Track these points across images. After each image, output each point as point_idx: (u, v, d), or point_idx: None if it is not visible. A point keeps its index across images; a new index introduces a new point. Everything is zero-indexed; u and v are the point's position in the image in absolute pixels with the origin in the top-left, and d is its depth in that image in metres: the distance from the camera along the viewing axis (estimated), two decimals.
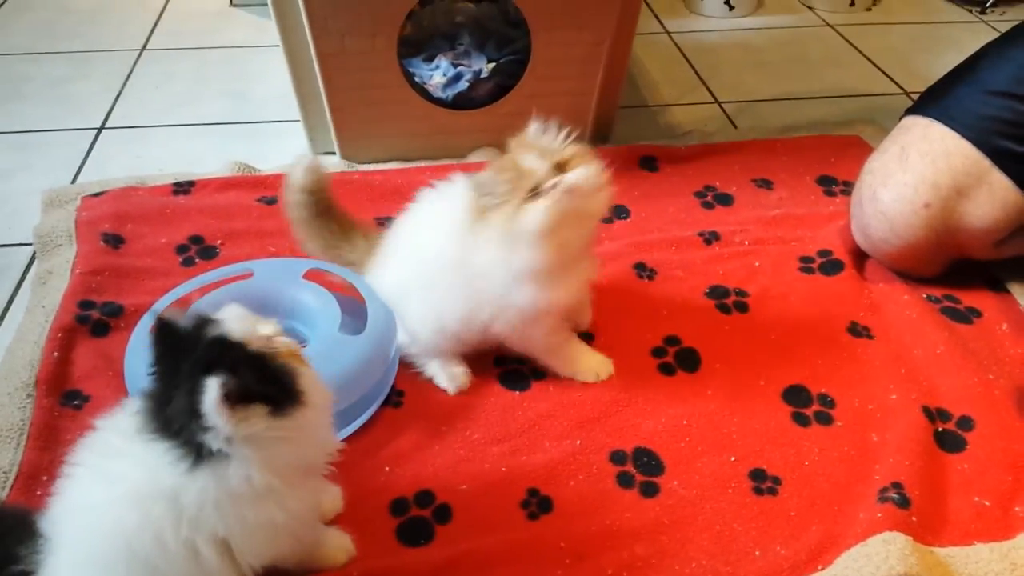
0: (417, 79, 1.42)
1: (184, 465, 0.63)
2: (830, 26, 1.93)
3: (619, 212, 1.28)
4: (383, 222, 1.24)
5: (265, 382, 0.65)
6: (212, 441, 0.63)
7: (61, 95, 1.60)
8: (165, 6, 1.98)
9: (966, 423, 0.94)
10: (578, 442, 0.92)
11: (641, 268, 1.16)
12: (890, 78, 1.71)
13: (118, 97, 1.60)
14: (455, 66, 1.45)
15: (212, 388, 0.61)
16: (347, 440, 0.90)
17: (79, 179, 1.36)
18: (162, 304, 0.96)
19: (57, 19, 1.91)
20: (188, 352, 0.64)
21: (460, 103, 1.42)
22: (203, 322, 0.66)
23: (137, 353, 0.91)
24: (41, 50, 1.77)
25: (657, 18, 1.96)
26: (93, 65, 1.71)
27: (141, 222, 1.21)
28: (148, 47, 1.79)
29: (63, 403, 0.94)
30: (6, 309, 1.10)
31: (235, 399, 0.62)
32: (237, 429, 0.63)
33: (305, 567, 0.76)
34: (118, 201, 1.24)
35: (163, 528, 0.63)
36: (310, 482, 0.71)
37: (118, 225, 1.20)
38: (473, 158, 1.40)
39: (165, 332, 0.65)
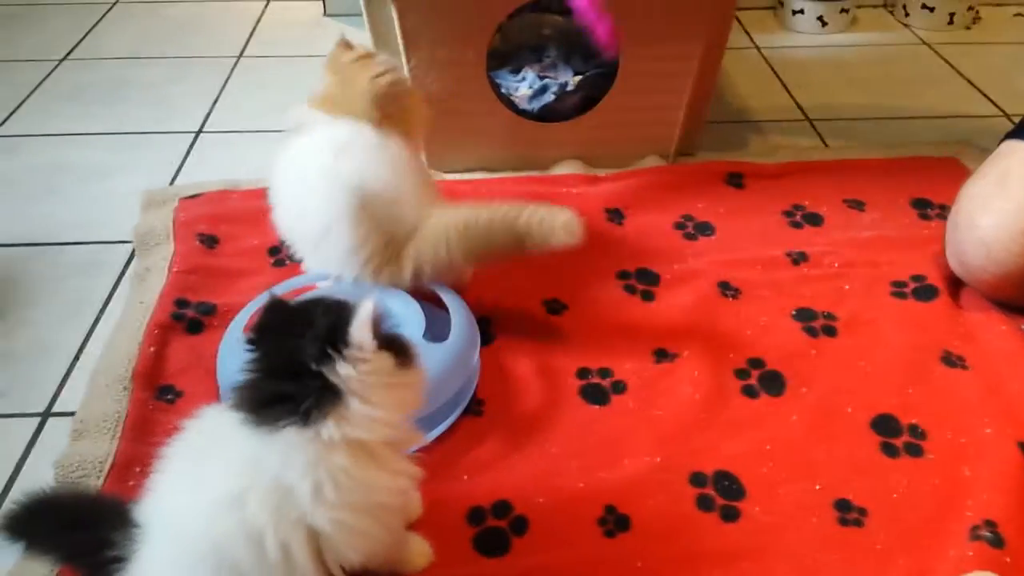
0: (504, 91, 1.44)
1: (296, 421, 0.65)
2: (927, 44, 1.88)
3: (703, 229, 1.27)
4: None
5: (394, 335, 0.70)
6: (335, 376, 0.65)
7: (162, 99, 1.67)
8: (261, 15, 2.04)
9: None
10: (658, 460, 0.91)
11: (726, 287, 1.14)
12: (990, 100, 1.65)
13: (215, 102, 1.65)
14: (541, 78, 1.46)
15: (366, 309, 0.66)
16: (427, 447, 0.91)
17: (177, 180, 1.41)
18: (254, 305, 0.99)
19: (157, 26, 1.99)
20: (301, 326, 0.67)
21: (546, 115, 1.42)
22: (315, 298, 0.71)
23: (229, 351, 0.94)
24: (143, 55, 1.84)
25: (747, 33, 1.93)
26: (192, 71, 1.77)
27: (235, 224, 1.25)
28: (244, 55, 1.85)
29: (157, 397, 0.98)
30: (106, 303, 1.14)
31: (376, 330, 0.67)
32: (373, 359, 0.66)
33: (388, 569, 0.77)
34: (213, 203, 1.29)
35: (257, 529, 0.64)
36: (404, 462, 0.72)
37: (213, 226, 1.24)
38: (558, 170, 1.41)
39: (277, 309, 0.69)
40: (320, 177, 0.98)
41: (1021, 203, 1.03)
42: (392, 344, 0.69)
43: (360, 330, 0.66)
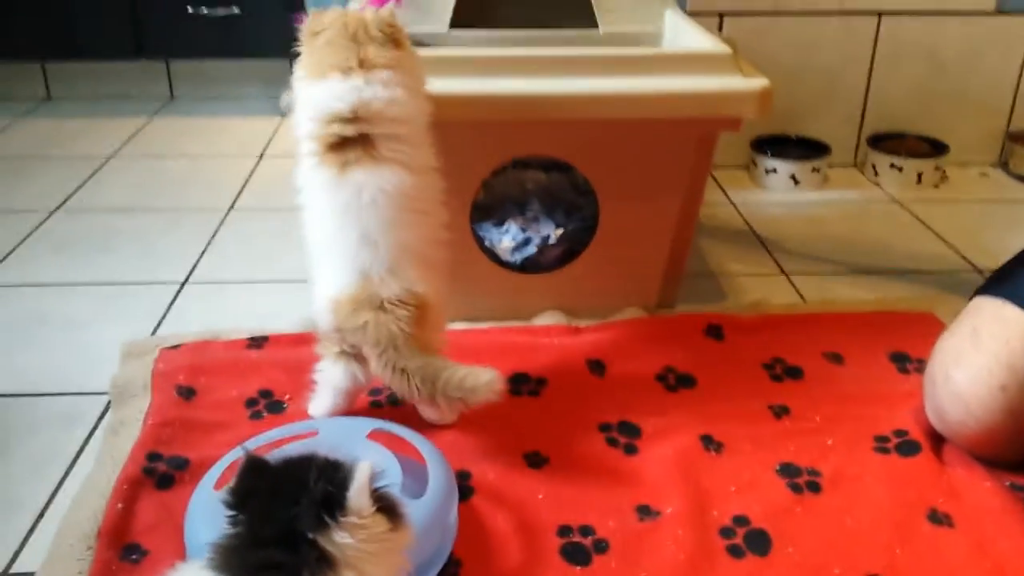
0: (487, 243, 1.47)
1: None
2: (897, 202, 1.95)
3: (685, 381, 1.27)
4: None
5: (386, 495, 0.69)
6: (332, 545, 0.63)
7: (150, 249, 1.69)
8: (254, 169, 2.10)
9: None
10: None
11: (708, 440, 1.13)
12: (960, 255, 1.70)
13: (203, 253, 1.68)
14: (524, 231, 1.49)
15: (364, 472, 0.64)
16: None
17: (160, 331, 1.41)
18: (227, 460, 0.97)
19: (152, 179, 2.04)
20: (292, 489, 0.65)
21: (528, 267, 1.45)
22: (302, 457, 0.70)
23: (199, 509, 0.92)
24: (135, 206, 1.89)
25: (723, 189, 2.00)
26: (182, 222, 1.81)
27: (214, 375, 1.24)
28: (235, 207, 1.89)
29: (122, 557, 0.94)
30: (77, 456, 1.12)
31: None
32: (369, 524, 0.64)
33: None
34: (194, 354, 1.28)
35: None
36: None
37: (192, 377, 1.23)
38: (540, 320, 1.42)
39: (260, 470, 0.68)
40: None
41: (995, 357, 1.05)
42: (384, 504, 0.68)
43: (359, 496, 0.65)
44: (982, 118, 2.11)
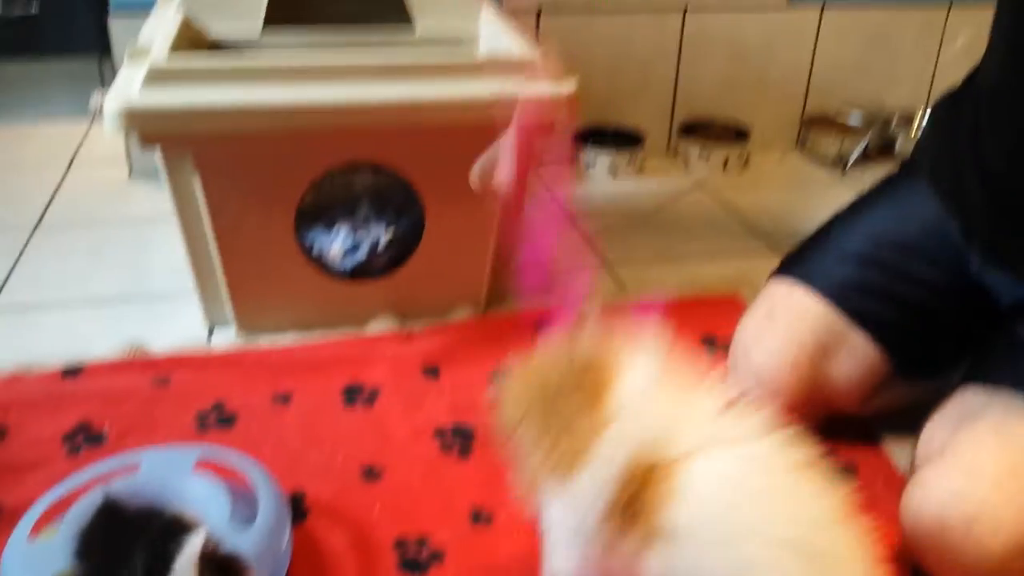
0: (316, 249, 1.46)
1: None
2: (706, 188, 2.07)
3: None
4: (280, 399, 1.25)
5: (228, 559, 0.68)
6: None
7: None
8: (61, 181, 1.99)
9: None
10: None
11: None
12: (761, 237, 1.83)
13: (9, 275, 1.58)
14: (354, 234, 1.49)
15: (194, 547, 0.63)
16: None
17: None
18: (42, 505, 0.93)
19: None
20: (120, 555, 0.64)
21: (357, 273, 1.45)
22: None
23: (14, 558, 0.88)
24: None
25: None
26: None
27: (27, 411, 1.18)
28: (43, 223, 1.79)
29: None
30: None
31: (206, 566, 0.63)
32: None
33: None
34: (3, 391, 1.22)
35: None
36: None
37: (2, 416, 1.17)
38: (372, 326, 1.43)
39: (109, 515, 0.68)
40: None
41: (787, 337, 1.15)
42: (225, 570, 0.67)
43: (188, 565, 0.63)
44: (780, 104, 2.27)
